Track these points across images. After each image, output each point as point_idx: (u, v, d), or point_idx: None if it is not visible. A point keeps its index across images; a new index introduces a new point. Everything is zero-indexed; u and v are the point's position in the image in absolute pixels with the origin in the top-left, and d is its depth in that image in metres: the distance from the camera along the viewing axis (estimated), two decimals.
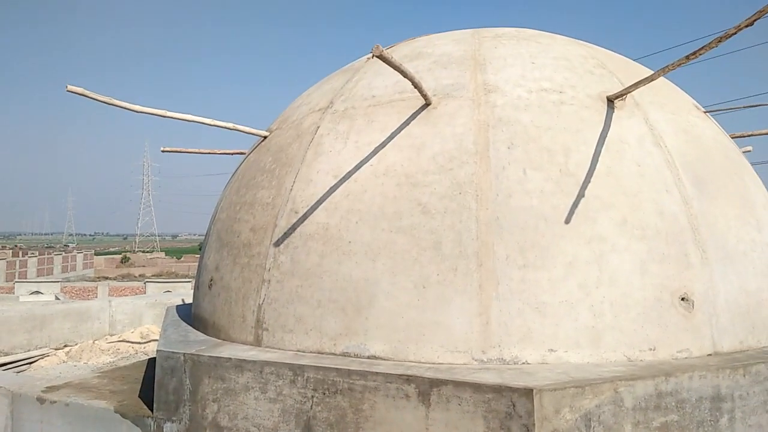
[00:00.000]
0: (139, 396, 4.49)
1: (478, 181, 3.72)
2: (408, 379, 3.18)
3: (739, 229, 4.05)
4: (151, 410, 4.03)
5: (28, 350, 9.01)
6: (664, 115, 4.34)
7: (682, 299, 3.62)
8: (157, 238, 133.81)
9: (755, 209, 4.33)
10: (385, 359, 3.54)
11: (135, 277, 48.88)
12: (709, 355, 3.58)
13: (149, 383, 4.79)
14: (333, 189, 4.04)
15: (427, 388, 3.12)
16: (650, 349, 3.49)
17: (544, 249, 3.55)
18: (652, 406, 3.10)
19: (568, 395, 2.94)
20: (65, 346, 9.35)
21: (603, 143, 3.89)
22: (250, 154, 5.21)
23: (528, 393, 2.88)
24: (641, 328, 3.50)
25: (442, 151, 3.89)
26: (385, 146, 4.06)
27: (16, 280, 40.07)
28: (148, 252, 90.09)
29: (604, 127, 3.96)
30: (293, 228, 4.08)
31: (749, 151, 5.82)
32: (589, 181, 3.73)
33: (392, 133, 4.09)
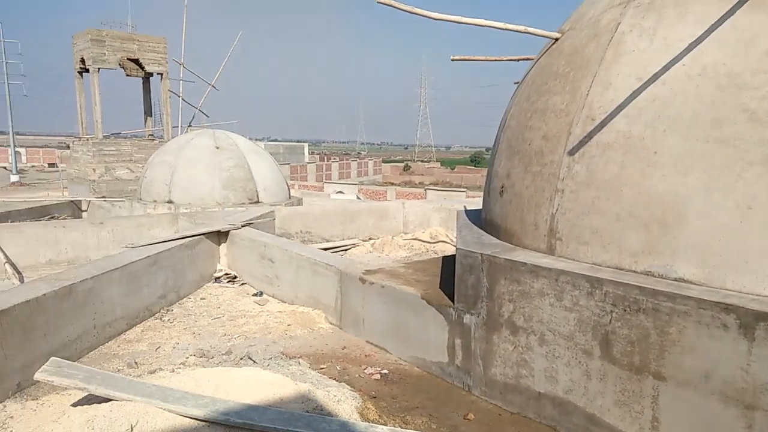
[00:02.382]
0: (440, 288, 5.07)
1: None
2: (727, 308, 2.91)
3: None
4: (452, 302, 4.54)
5: (343, 239, 10.87)
6: None
7: None
8: (433, 149, 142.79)
9: None
10: (695, 284, 3.28)
11: (415, 184, 53.71)
12: None
13: (446, 277, 5.36)
14: (636, 93, 3.71)
15: (750, 321, 2.81)
16: None
17: None
18: None
19: None
20: (369, 239, 10.99)
21: None
22: (540, 58, 5.07)
23: None
24: None
25: None
26: (701, 42, 3.51)
27: (324, 180, 47.87)
28: (425, 162, 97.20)
29: None
30: (589, 136, 3.92)
31: None
32: None
33: (712, 25, 3.50)
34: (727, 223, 3.19)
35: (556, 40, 4.89)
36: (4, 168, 43.99)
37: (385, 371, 4.77)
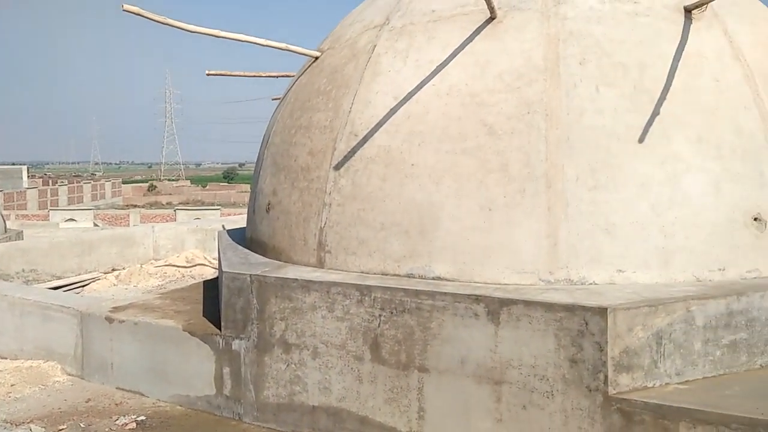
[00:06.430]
0: (204, 316, 4.65)
1: (547, 99, 3.59)
2: (477, 298, 3.22)
3: None
4: (218, 329, 4.18)
5: (79, 274, 9.36)
6: (743, 26, 4.07)
7: (755, 219, 3.55)
8: (181, 166, 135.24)
9: None
10: (450, 280, 3.58)
11: (163, 205, 49.94)
12: None
13: (211, 303, 4.95)
14: (393, 110, 3.94)
15: (496, 308, 3.16)
16: (720, 270, 3.46)
17: (616, 169, 3.46)
18: (722, 325, 3.10)
19: (641, 314, 2.96)
20: (113, 270, 9.67)
21: (680, 57, 3.69)
22: (301, 75, 5.09)
23: (602, 312, 2.89)
24: (712, 249, 3.46)
25: (509, 69, 3.73)
26: (447, 64, 3.91)
27: (50, 208, 41.21)
28: (173, 180, 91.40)
29: (681, 40, 3.74)
30: (353, 151, 4.03)
31: None
32: (665, 99, 3.58)
33: (455, 50, 3.92)
34: (474, 223, 3.56)
35: (316, 58, 4.95)
36: None
37: (142, 417, 4.19)
